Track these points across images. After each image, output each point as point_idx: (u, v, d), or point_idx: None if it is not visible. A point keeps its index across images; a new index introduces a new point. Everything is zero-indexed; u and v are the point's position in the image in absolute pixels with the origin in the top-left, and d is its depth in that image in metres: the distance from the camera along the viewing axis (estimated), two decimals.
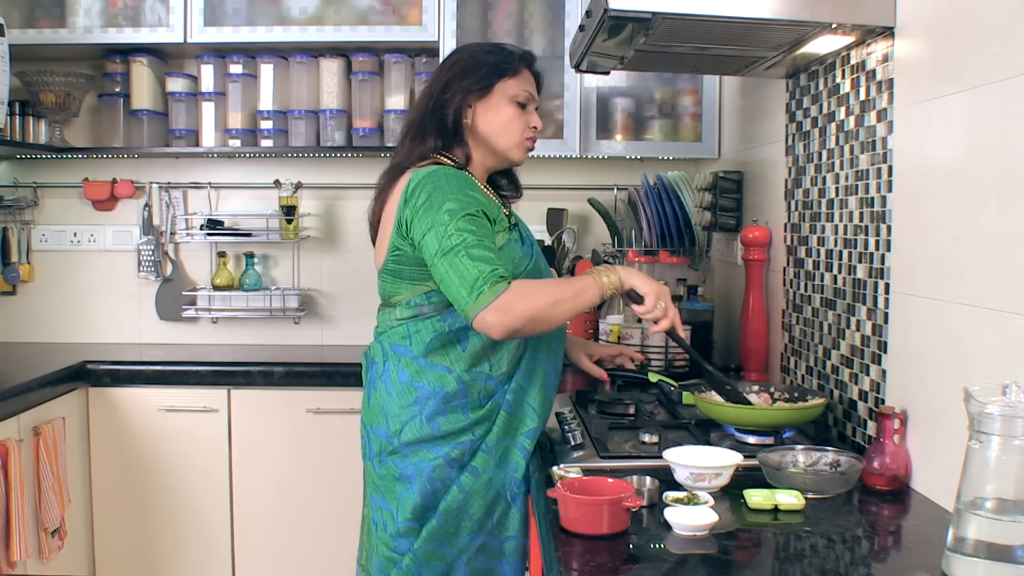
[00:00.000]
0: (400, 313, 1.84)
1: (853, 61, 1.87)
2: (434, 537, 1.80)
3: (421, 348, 1.81)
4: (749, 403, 1.88)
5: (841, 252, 1.93)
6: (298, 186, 3.27)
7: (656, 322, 1.77)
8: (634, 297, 1.76)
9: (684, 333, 1.85)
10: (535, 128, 1.91)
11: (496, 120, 1.87)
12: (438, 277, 1.69)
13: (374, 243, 1.91)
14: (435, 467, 1.79)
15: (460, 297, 1.65)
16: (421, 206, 1.73)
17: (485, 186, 1.92)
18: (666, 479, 1.54)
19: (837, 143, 1.95)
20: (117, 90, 3.21)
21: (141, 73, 3.17)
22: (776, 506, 1.45)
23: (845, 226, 1.91)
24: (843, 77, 1.92)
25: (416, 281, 1.81)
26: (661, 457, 1.60)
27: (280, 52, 3.18)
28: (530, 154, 1.96)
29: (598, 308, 2.78)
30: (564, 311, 1.69)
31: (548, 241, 3.14)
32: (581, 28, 1.96)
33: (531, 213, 3.09)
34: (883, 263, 1.73)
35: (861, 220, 1.83)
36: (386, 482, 1.83)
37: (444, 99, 1.86)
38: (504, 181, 2.02)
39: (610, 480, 1.45)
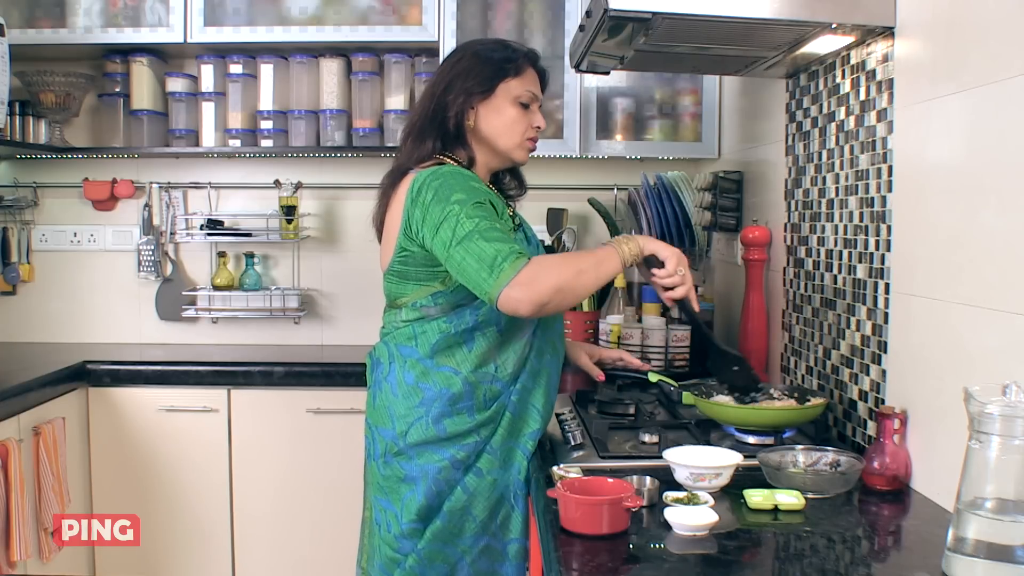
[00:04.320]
0: (406, 315, 1.84)
1: (853, 61, 1.87)
2: (438, 538, 1.80)
3: (427, 349, 1.81)
4: (757, 384, 1.90)
5: (841, 252, 1.93)
6: (298, 186, 3.27)
7: (674, 288, 1.75)
8: (653, 262, 1.75)
9: (697, 306, 1.84)
10: (538, 128, 1.91)
11: (498, 121, 1.86)
12: (455, 266, 1.68)
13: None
14: (440, 468, 1.79)
15: (481, 279, 1.63)
16: (430, 202, 1.72)
17: (489, 185, 1.91)
18: (666, 479, 1.54)
19: (837, 143, 1.95)
20: (117, 90, 3.21)
21: (141, 73, 3.17)
22: (776, 506, 1.45)
23: (845, 226, 1.91)
24: (843, 77, 1.92)
25: (422, 282, 1.80)
26: (661, 457, 1.60)
27: (280, 52, 3.18)
28: (531, 154, 1.96)
29: (599, 307, 2.78)
30: (588, 280, 1.69)
31: (548, 241, 3.14)
32: (581, 28, 1.95)
33: (531, 213, 3.08)
34: (883, 263, 1.73)
35: (861, 220, 1.83)
36: (391, 483, 1.83)
37: (446, 100, 1.85)
38: (508, 178, 2.02)
39: (610, 480, 1.44)
